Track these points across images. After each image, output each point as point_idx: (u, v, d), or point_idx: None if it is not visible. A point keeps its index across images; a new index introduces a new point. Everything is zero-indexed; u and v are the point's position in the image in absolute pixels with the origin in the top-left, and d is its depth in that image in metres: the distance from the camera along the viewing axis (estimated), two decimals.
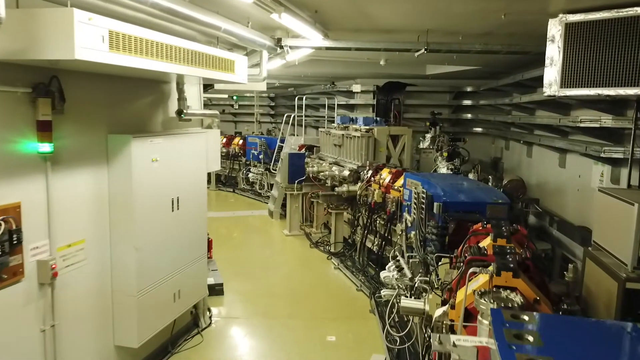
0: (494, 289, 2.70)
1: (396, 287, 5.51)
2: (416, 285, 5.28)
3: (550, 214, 5.87)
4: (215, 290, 7.07)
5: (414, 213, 5.62)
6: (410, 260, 5.59)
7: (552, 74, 4.60)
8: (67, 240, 3.90)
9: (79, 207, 4.03)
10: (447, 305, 3.01)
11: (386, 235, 7.19)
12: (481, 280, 2.84)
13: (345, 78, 13.44)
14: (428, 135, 11.17)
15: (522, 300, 2.56)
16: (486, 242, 3.57)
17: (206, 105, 19.91)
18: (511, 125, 11.22)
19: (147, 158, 4.51)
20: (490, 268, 2.81)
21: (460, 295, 2.91)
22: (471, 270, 2.67)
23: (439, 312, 3.07)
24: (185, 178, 5.20)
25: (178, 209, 5.05)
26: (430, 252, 4.58)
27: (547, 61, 4.67)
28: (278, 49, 5.86)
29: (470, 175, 7.52)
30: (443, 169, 7.91)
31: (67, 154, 3.84)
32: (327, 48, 5.98)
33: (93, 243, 4.21)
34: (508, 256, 2.93)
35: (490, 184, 6.85)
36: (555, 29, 4.52)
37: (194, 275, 5.58)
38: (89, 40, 2.89)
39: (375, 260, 7.83)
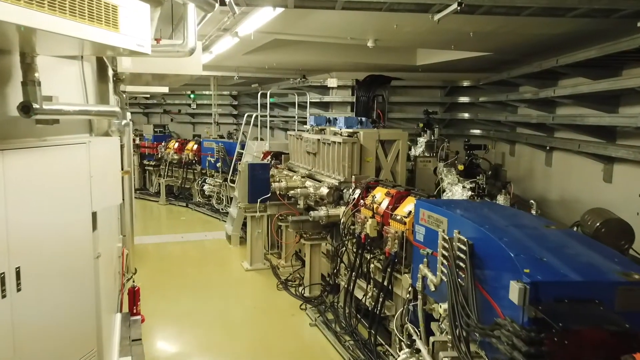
0: None
1: None
2: None
3: None
4: None
5: (443, 271, 3.43)
6: (442, 355, 3.38)
7: None
8: None
9: None
10: None
11: (385, 284, 5.00)
12: None
13: (319, 70, 11.28)
14: (422, 140, 9.09)
15: None
16: None
17: (146, 104, 17.45)
18: (518, 125, 9.25)
19: None
20: None
21: None
22: None
23: None
24: (38, 229, 2.83)
25: (19, 289, 2.68)
26: None
27: None
28: (217, 3, 3.54)
29: (500, 199, 5.38)
30: (457, 188, 5.71)
31: None
32: (297, 5, 3.70)
33: None
34: None
35: (534, 211, 4.72)
36: None
37: None
38: None
39: (367, 312, 5.61)
